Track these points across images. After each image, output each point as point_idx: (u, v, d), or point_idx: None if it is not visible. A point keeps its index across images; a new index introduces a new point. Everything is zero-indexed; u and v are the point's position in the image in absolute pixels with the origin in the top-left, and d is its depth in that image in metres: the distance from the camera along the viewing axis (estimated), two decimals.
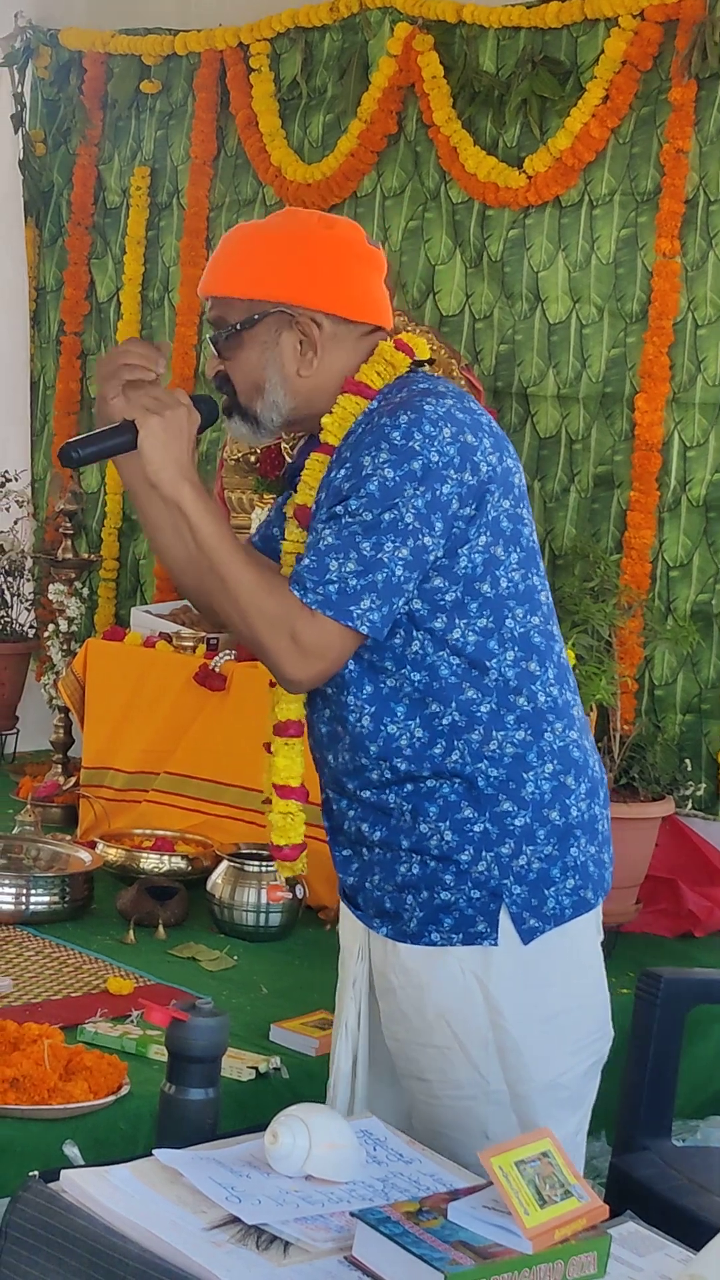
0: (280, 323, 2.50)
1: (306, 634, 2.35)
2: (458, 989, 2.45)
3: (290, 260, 2.52)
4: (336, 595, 2.33)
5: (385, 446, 2.36)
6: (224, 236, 2.63)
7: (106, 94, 6.61)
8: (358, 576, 2.33)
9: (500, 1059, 2.45)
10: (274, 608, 2.35)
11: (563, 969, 2.49)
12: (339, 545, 2.34)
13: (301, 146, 5.99)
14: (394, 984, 2.49)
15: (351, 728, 2.46)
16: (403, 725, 2.43)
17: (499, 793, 2.44)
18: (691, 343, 5.03)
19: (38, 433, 6.87)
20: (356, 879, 2.54)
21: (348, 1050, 2.59)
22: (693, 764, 4.96)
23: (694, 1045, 3.65)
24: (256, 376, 2.52)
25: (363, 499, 2.35)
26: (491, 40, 5.48)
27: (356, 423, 2.47)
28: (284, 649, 2.36)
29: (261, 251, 2.54)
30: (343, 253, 2.57)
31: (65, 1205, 1.96)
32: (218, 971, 3.99)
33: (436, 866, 2.45)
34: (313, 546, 2.38)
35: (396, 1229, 1.85)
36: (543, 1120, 2.48)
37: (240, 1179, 2.02)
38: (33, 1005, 3.52)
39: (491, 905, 2.44)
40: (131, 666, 5.10)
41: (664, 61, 5.09)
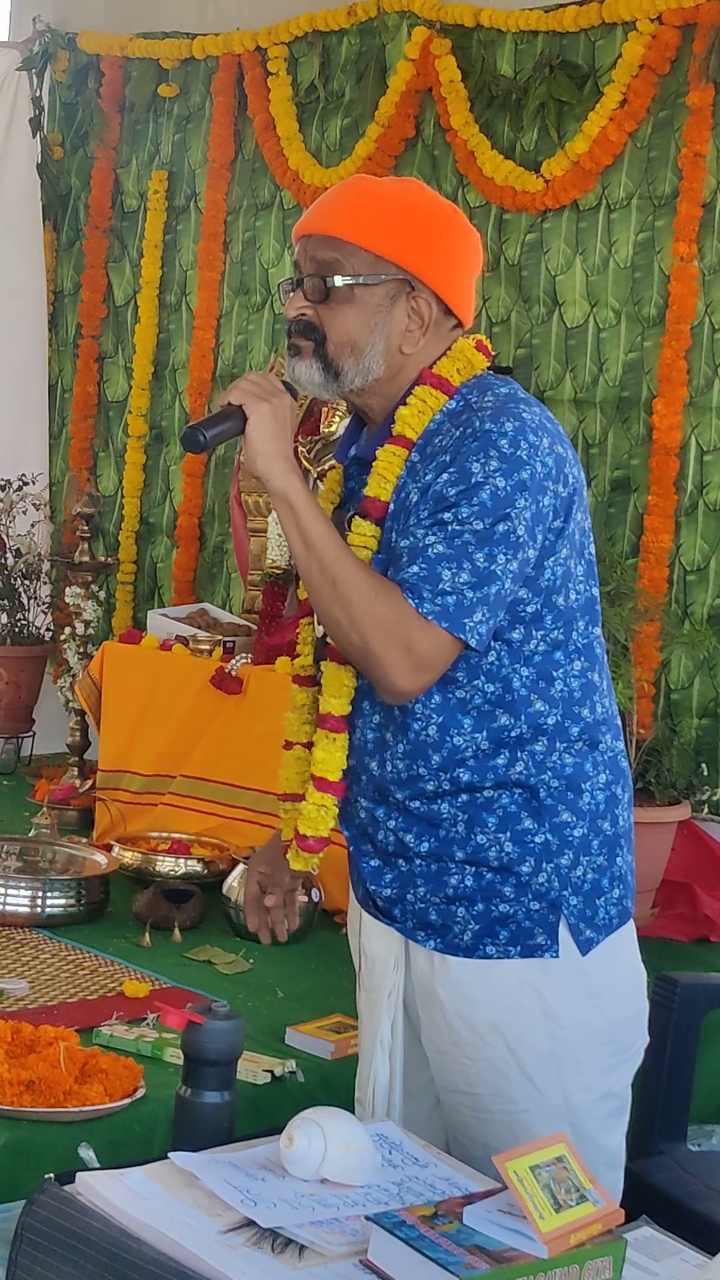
0: (399, 290, 2.44)
1: (421, 644, 2.29)
2: (513, 1002, 2.42)
3: (427, 233, 2.46)
4: (454, 607, 2.28)
5: (495, 454, 2.32)
6: (349, 184, 2.54)
7: (124, 97, 6.62)
8: (473, 589, 2.29)
9: (557, 1071, 2.43)
10: (390, 615, 2.29)
11: (615, 978, 2.50)
12: (451, 555, 2.29)
13: (319, 150, 6.00)
14: (441, 997, 2.45)
15: (415, 736, 2.41)
16: (469, 736, 2.39)
17: (558, 803, 2.42)
18: (709, 347, 5.02)
19: (55, 436, 6.88)
20: (394, 891, 2.48)
21: (385, 1063, 2.54)
22: (709, 768, 4.95)
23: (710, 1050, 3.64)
24: (358, 336, 2.44)
25: (475, 507, 2.30)
26: (509, 44, 5.48)
27: (437, 419, 2.42)
28: (396, 659, 2.30)
29: (398, 213, 2.46)
30: (467, 246, 2.52)
31: (80, 1208, 1.96)
32: (233, 975, 3.99)
33: (494, 878, 2.41)
34: (419, 553, 2.31)
35: (412, 1233, 1.85)
36: (597, 1131, 2.49)
37: (256, 1182, 2.02)
38: (49, 1008, 3.52)
39: (551, 917, 2.42)
40: (148, 669, 5.11)
41: (681, 65, 5.08)
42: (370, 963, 2.57)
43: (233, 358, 6.28)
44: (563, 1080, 2.44)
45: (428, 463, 2.39)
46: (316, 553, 2.31)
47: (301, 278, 2.47)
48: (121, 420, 6.67)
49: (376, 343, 2.44)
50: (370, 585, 2.31)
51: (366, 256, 2.43)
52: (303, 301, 2.45)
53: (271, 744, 4.71)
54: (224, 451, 6.26)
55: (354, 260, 2.43)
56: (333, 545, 2.32)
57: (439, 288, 2.45)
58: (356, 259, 2.43)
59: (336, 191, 2.52)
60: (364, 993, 2.58)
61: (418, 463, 2.41)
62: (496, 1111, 2.43)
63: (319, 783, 2.51)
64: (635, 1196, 2.97)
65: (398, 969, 2.52)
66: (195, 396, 6.35)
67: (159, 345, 6.56)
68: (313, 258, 2.46)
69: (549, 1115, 2.42)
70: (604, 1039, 2.48)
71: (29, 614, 6.27)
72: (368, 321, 2.43)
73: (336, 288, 2.42)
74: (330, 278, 2.43)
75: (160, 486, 6.56)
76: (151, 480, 6.59)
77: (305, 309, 2.45)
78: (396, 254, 2.43)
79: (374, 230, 2.43)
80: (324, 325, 2.44)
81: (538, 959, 2.42)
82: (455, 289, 2.48)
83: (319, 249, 2.45)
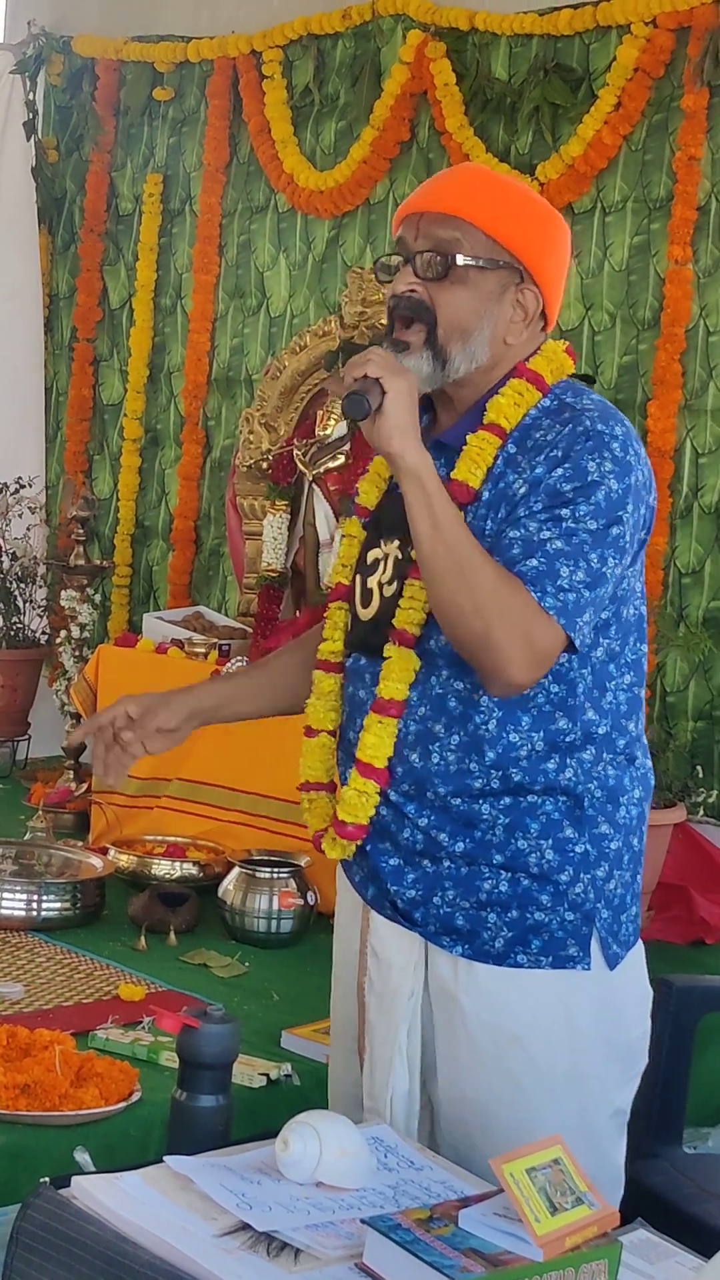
0: (510, 280, 2.41)
1: (542, 638, 2.26)
2: (540, 1013, 2.39)
3: (541, 229, 2.46)
4: (573, 605, 2.26)
5: (608, 456, 2.31)
6: (468, 168, 2.53)
7: (119, 101, 6.63)
8: (588, 588, 2.27)
9: (575, 1085, 2.40)
10: (516, 606, 2.24)
11: (632, 996, 2.49)
12: (569, 552, 2.27)
13: (314, 153, 6.00)
14: (464, 1004, 2.40)
15: (474, 730, 2.36)
16: (525, 735, 2.36)
17: (599, 814, 2.40)
18: (704, 349, 5.03)
19: (51, 439, 6.89)
20: (418, 893, 2.42)
21: (404, 1069, 2.45)
22: (704, 771, 4.95)
23: (705, 1052, 3.64)
24: (469, 321, 2.40)
25: (591, 506, 2.29)
26: (504, 47, 5.48)
27: (532, 415, 2.39)
28: (518, 650, 2.24)
29: (520, 204, 2.45)
30: (568, 249, 2.52)
31: (76, 1212, 1.96)
32: (229, 978, 3.99)
33: (531, 885, 2.38)
34: (536, 546, 2.27)
35: (407, 1236, 1.85)
36: (607, 1146, 2.48)
37: (251, 1186, 2.02)
38: (44, 1011, 3.52)
39: (584, 929, 2.39)
40: (144, 673, 5.11)
41: (676, 69, 5.09)
42: (383, 966, 2.48)
43: (228, 361, 6.28)
44: (579, 1095, 2.41)
45: (531, 455, 2.35)
46: (445, 535, 2.24)
47: (412, 254, 2.41)
48: (117, 423, 6.67)
49: (484, 329, 2.40)
50: (496, 573, 2.25)
51: (486, 241, 2.40)
52: (413, 278, 2.40)
53: (268, 747, 4.75)
54: (219, 454, 6.27)
55: (474, 241, 2.39)
56: (461, 528, 2.27)
57: (544, 284, 2.44)
58: (476, 241, 2.39)
59: (456, 173, 2.50)
60: (374, 998, 2.49)
61: (516, 455, 2.37)
62: (506, 1123, 2.38)
63: (364, 768, 2.41)
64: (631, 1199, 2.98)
65: (417, 973, 2.45)
66: (190, 400, 6.35)
67: (154, 348, 6.56)
68: (428, 234, 2.40)
69: (562, 1130, 2.38)
70: (619, 1055, 2.46)
71: (24, 617, 6.27)
72: (478, 307, 2.40)
73: (457, 266, 2.38)
74: (451, 255, 2.38)
75: (156, 490, 6.56)
76: (147, 483, 6.59)
77: (416, 285, 2.40)
78: (514, 243, 2.41)
79: (497, 216, 2.40)
80: (435, 305, 2.39)
81: (567, 971, 2.39)
82: (555, 289, 2.48)
83: (437, 226, 2.40)
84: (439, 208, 2.41)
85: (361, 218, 5.84)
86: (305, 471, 5.24)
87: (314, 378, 5.42)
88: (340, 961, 2.62)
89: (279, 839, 4.63)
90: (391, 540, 2.46)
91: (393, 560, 2.45)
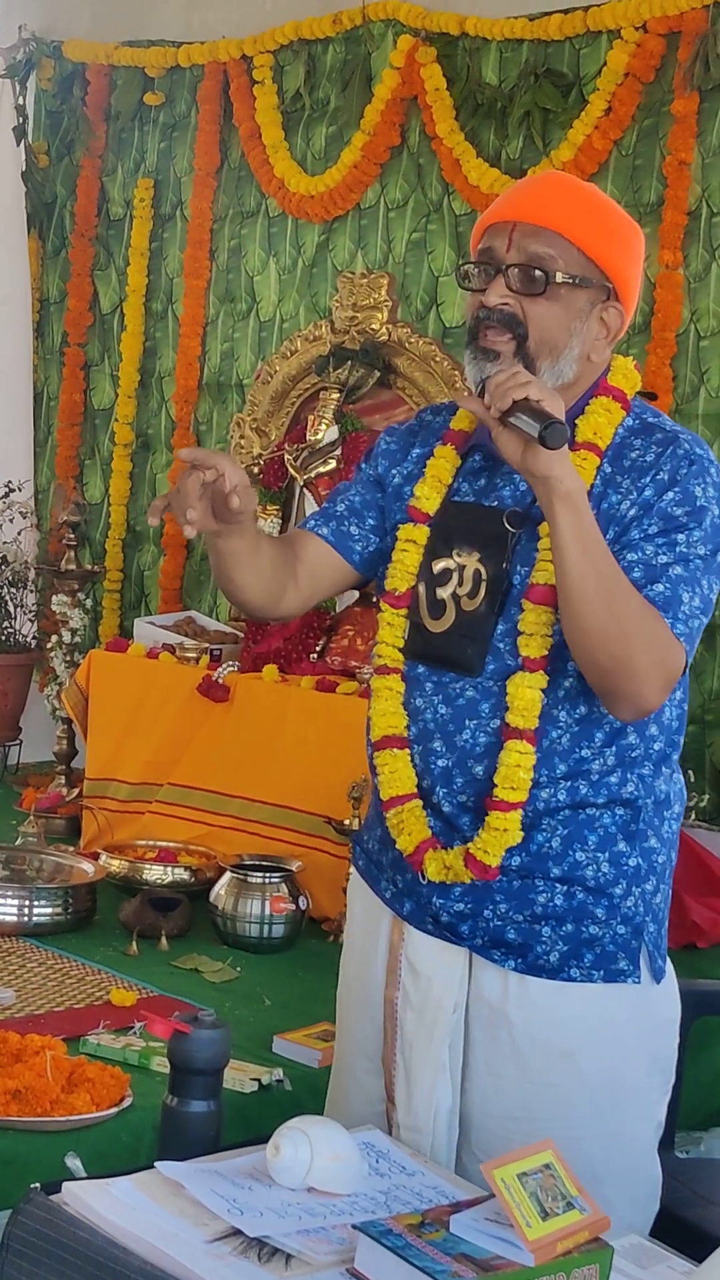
0: (598, 298, 2.40)
1: (674, 663, 2.28)
2: (590, 1027, 2.38)
3: (629, 248, 2.45)
4: (695, 630, 2.29)
5: (710, 481, 2.33)
6: (560, 179, 2.51)
7: (110, 106, 6.63)
8: (703, 614, 2.30)
9: (621, 1100, 2.40)
10: (657, 632, 2.24)
11: (672, 1007, 2.50)
12: (688, 578, 2.28)
13: (304, 158, 6.00)
14: (514, 1019, 2.38)
15: (549, 745, 2.34)
16: (598, 750, 2.36)
17: (648, 828, 2.42)
18: (694, 354, 5.03)
19: (41, 444, 6.88)
20: (467, 906, 2.39)
21: (447, 1086, 2.42)
22: (697, 776, 4.95)
23: (698, 1057, 3.64)
24: (560, 336, 2.38)
25: (703, 532, 2.30)
26: (494, 52, 5.49)
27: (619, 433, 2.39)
28: (656, 675, 2.25)
29: (613, 222, 2.43)
30: (642, 266, 2.52)
31: (67, 1217, 1.96)
32: (220, 983, 3.98)
33: (586, 899, 2.37)
34: (659, 571, 2.28)
35: (398, 1241, 1.85)
36: (647, 1159, 2.48)
37: (242, 1191, 2.02)
38: (35, 1017, 3.52)
39: (634, 943, 2.40)
40: (135, 678, 5.11)
41: (666, 73, 5.09)
42: (423, 981, 2.44)
43: (219, 365, 6.28)
44: (623, 1109, 2.40)
45: (634, 477, 2.35)
46: (595, 559, 2.22)
47: (504, 265, 2.38)
48: (108, 428, 6.66)
49: (574, 346, 2.39)
50: (639, 599, 2.25)
51: (580, 257, 2.38)
52: (506, 291, 2.37)
53: (259, 751, 4.75)
54: None
55: (569, 258, 2.37)
56: (608, 554, 2.25)
57: (628, 305, 2.44)
58: (570, 257, 2.37)
59: (549, 183, 2.48)
60: (411, 1013, 2.44)
61: (613, 474, 2.37)
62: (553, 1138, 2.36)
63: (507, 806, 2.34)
64: None
65: (461, 987, 2.42)
66: (181, 404, 6.35)
67: (145, 353, 6.56)
68: (523, 247, 2.37)
69: (606, 1142, 2.38)
70: (661, 1068, 2.47)
71: (15, 622, 6.26)
72: (569, 324, 2.38)
73: (554, 284, 2.36)
74: (550, 271, 2.36)
75: (146, 494, 6.55)
76: (138, 488, 6.59)
77: (509, 299, 2.37)
78: (606, 262, 2.40)
79: (592, 233, 2.39)
80: (527, 319, 2.36)
81: (618, 985, 2.39)
82: (633, 306, 2.47)
83: (532, 239, 2.37)
84: (533, 219, 2.38)
85: (352, 222, 5.85)
86: (296, 476, 5.24)
87: (305, 382, 5.42)
88: (356, 976, 2.57)
89: (271, 844, 4.63)
90: (468, 553, 2.42)
91: (471, 573, 2.41)
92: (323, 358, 5.31)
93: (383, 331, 5.23)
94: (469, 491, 2.48)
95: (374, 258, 5.77)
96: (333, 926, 4.42)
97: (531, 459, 2.21)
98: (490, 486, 2.46)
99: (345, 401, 5.21)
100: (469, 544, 2.42)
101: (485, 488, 2.46)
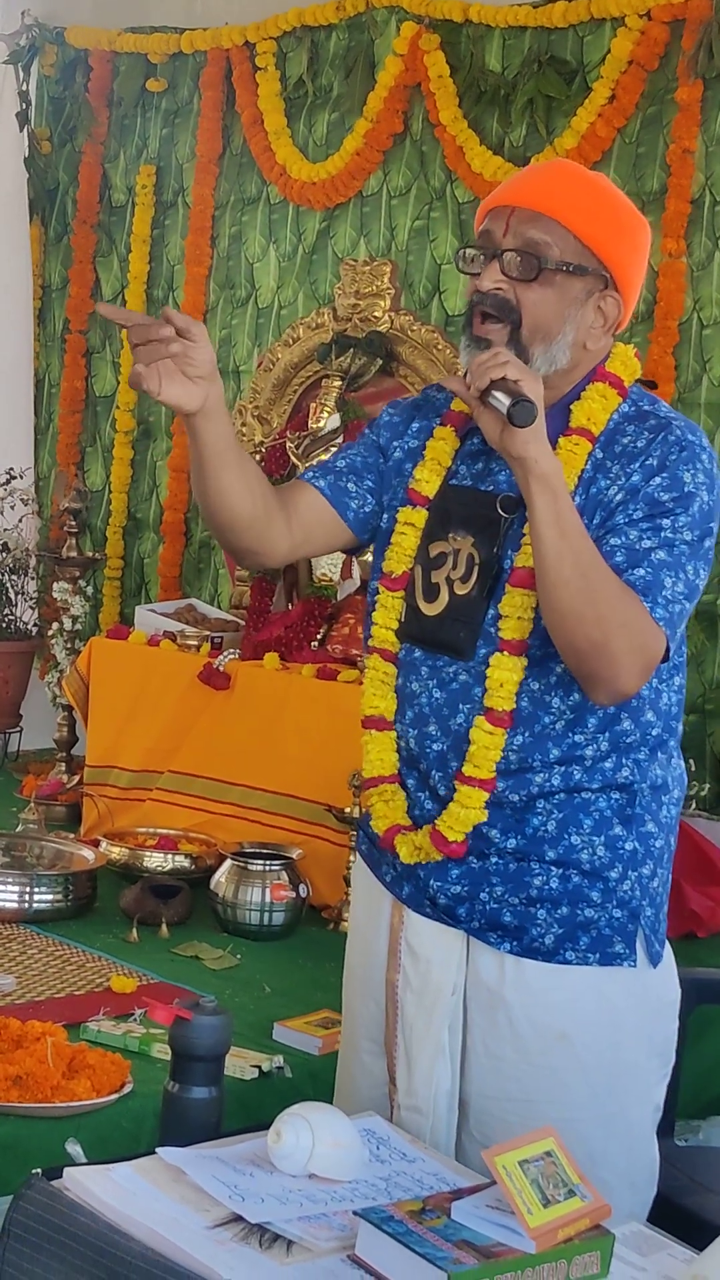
0: (595, 286, 2.40)
1: (653, 648, 2.27)
2: (586, 1010, 2.40)
3: (630, 236, 2.44)
4: (677, 616, 2.29)
5: (699, 467, 2.33)
6: (562, 165, 2.51)
7: (112, 92, 6.61)
8: (686, 599, 2.29)
9: (619, 1082, 2.41)
10: (634, 615, 2.24)
11: (669, 993, 2.51)
12: (671, 563, 2.28)
13: (307, 145, 5.99)
14: (511, 1001, 2.40)
15: (541, 729, 2.36)
16: (591, 736, 2.37)
17: (645, 812, 2.43)
18: (697, 343, 5.03)
19: (42, 430, 6.87)
20: (464, 889, 2.41)
21: (447, 1067, 2.44)
22: (697, 764, 4.95)
23: (697, 1045, 3.64)
24: (553, 323, 2.38)
25: (689, 518, 2.30)
26: (498, 40, 5.47)
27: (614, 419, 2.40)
28: (633, 660, 2.25)
29: (612, 209, 2.42)
30: (647, 256, 2.51)
31: (68, 1203, 1.96)
32: (221, 970, 3.98)
33: (582, 882, 2.39)
34: (641, 555, 2.28)
35: (400, 1228, 1.85)
36: (646, 1142, 2.49)
37: (243, 1177, 2.02)
38: (36, 1003, 3.52)
39: (630, 926, 2.41)
40: (136, 665, 5.10)
41: (670, 61, 5.08)
42: (422, 963, 2.46)
43: (217, 352, 6.25)
44: (621, 1091, 2.42)
45: (623, 462, 2.35)
46: (571, 542, 2.22)
47: (500, 250, 2.38)
48: (109, 415, 6.66)
49: (567, 333, 2.39)
50: (617, 582, 2.25)
51: (576, 244, 2.38)
52: (500, 275, 2.38)
53: (259, 739, 4.75)
54: None
55: (564, 245, 2.37)
56: (585, 537, 2.25)
57: (625, 291, 2.44)
58: (566, 244, 2.37)
59: (550, 169, 2.48)
60: (411, 995, 2.46)
61: (604, 459, 2.37)
62: (548, 1119, 2.31)
63: (477, 781, 2.38)
64: None
65: (459, 970, 2.44)
66: None
67: None
68: (518, 232, 2.38)
69: (604, 1125, 2.39)
70: (658, 1051, 2.48)
71: (16, 609, 6.26)
72: (563, 311, 2.38)
73: (547, 270, 2.36)
74: (543, 257, 2.36)
75: (147, 482, 6.55)
76: (139, 476, 6.59)
77: (502, 284, 2.37)
78: (604, 250, 2.40)
79: (590, 219, 2.39)
80: (520, 305, 2.37)
81: (614, 968, 2.40)
82: (634, 296, 2.47)
83: (528, 225, 2.37)
84: (531, 204, 2.39)
85: (354, 210, 5.84)
86: (298, 464, 5.23)
87: (307, 370, 5.41)
88: (359, 961, 2.59)
89: (271, 831, 4.63)
90: (463, 536, 2.43)
91: (465, 557, 2.42)
92: (325, 345, 5.30)
93: (385, 319, 5.23)
94: (466, 475, 2.49)
95: (376, 245, 5.76)
96: (333, 914, 4.42)
97: (509, 439, 2.22)
98: (487, 471, 2.47)
99: (347, 389, 5.21)
100: (464, 528, 2.43)
101: (482, 471, 2.47)
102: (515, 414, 2.20)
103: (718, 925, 4.70)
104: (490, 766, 2.37)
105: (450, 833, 2.39)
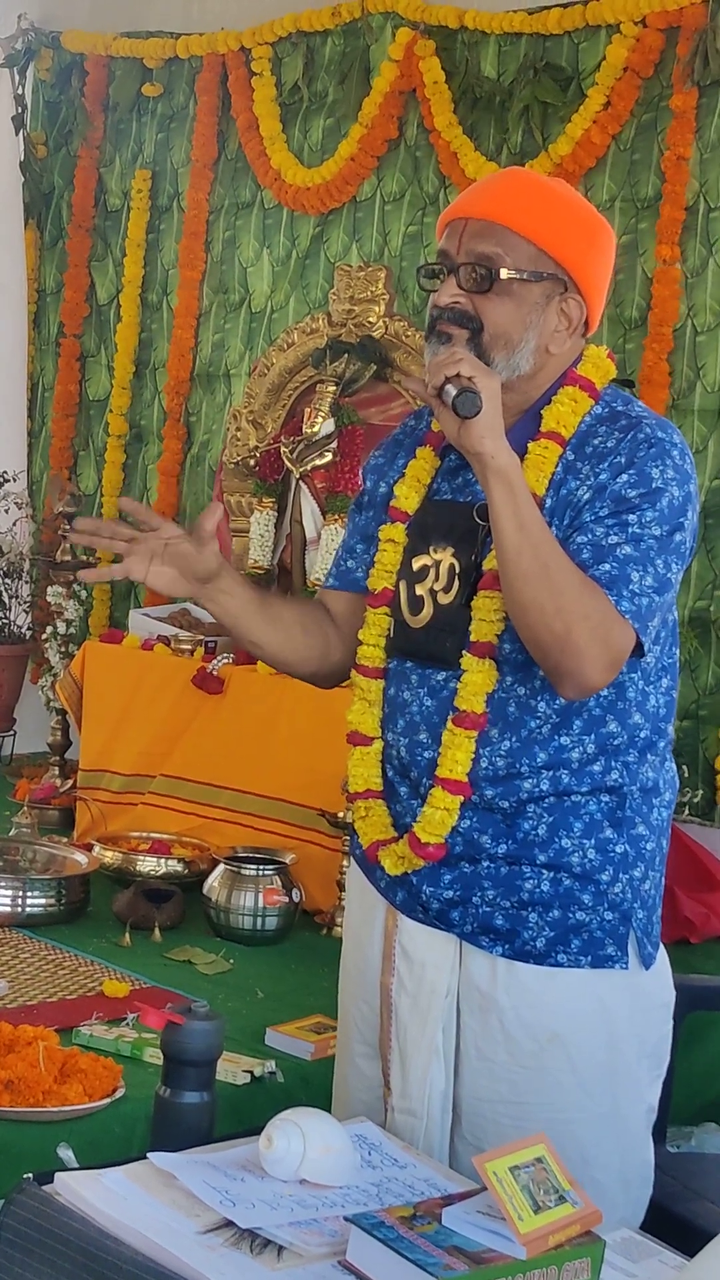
0: (554, 290, 2.41)
1: (619, 641, 2.27)
2: (578, 1012, 2.40)
3: (588, 237, 2.44)
4: (645, 609, 2.28)
5: (670, 463, 2.33)
6: (513, 174, 2.53)
7: (108, 97, 6.62)
8: (656, 593, 2.29)
9: (611, 1084, 2.42)
10: (597, 608, 2.24)
11: (662, 995, 2.52)
12: (638, 557, 2.28)
13: (302, 150, 6.00)
14: (503, 1004, 2.41)
15: (527, 734, 2.37)
16: (577, 739, 2.38)
17: (635, 815, 2.43)
18: (691, 349, 5.03)
19: (36, 434, 6.88)
20: (456, 893, 2.41)
21: (441, 1070, 2.45)
22: (690, 770, 4.96)
23: (690, 1052, 3.64)
24: (513, 331, 2.38)
25: (657, 513, 2.30)
26: (493, 46, 5.48)
27: (586, 422, 2.40)
28: (598, 653, 2.25)
29: (565, 212, 2.43)
30: (612, 255, 2.51)
31: (59, 1208, 1.96)
32: (213, 975, 3.98)
33: (573, 885, 2.39)
34: (606, 551, 2.28)
35: (390, 1234, 1.85)
36: (640, 1143, 2.49)
37: (234, 1183, 2.02)
38: (28, 1007, 3.52)
39: (621, 929, 2.41)
40: (129, 669, 5.10)
41: (665, 68, 5.09)
42: (416, 966, 2.47)
43: (210, 356, 6.28)
44: (614, 1093, 2.42)
45: (591, 462, 2.36)
46: (531, 536, 2.23)
47: (456, 265, 2.40)
48: (102, 419, 6.66)
49: (529, 339, 2.40)
50: (579, 575, 2.26)
51: (530, 251, 2.39)
52: (456, 290, 2.39)
53: (252, 744, 4.75)
54: (198, 450, 6.27)
55: (517, 253, 2.38)
56: (545, 530, 2.26)
57: (589, 295, 2.44)
58: (519, 252, 2.39)
59: (500, 178, 2.49)
60: (406, 998, 2.47)
61: (575, 461, 2.38)
62: (542, 1121, 2.35)
63: (450, 785, 2.39)
64: None
65: (453, 972, 2.45)
66: (173, 396, 6.34)
67: (140, 344, 6.56)
68: (470, 248, 2.39)
69: (597, 1126, 2.40)
70: (650, 1052, 2.49)
71: (10, 613, 6.26)
72: (524, 317, 2.39)
73: (501, 280, 2.38)
74: (495, 269, 2.38)
75: (139, 485, 6.55)
76: (131, 479, 6.59)
77: (459, 297, 2.39)
78: (559, 253, 2.40)
79: (541, 225, 2.39)
80: (480, 315, 2.38)
81: (605, 970, 2.41)
82: (599, 297, 2.47)
83: (479, 238, 2.39)
84: (483, 214, 2.40)
85: (348, 215, 5.84)
86: (292, 469, 5.23)
87: (301, 375, 5.42)
88: (354, 963, 2.60)
89: (264, 836, 4.63)
90: (443, 548, 2.45)
91: (446, 568, 2.44)
92: (319, 350, 5.30)
93: (379, 325, 5.23)
94: (447, 490, 2.51)
95: (370, 250, 5.77)
96: (325, 919, 4.42)
97: (465, 435, 2.24)
98: (466, 483, 2.49)
99: (342, 394, 5.21)
100: (444, 540, 2.45)
101: (462, 485, 2.50)
102: (459, 404, 2.22)
103: (711, 932, 4.70)
104: (463, 769, 2.38)
105: (425, 835, 2.40)
